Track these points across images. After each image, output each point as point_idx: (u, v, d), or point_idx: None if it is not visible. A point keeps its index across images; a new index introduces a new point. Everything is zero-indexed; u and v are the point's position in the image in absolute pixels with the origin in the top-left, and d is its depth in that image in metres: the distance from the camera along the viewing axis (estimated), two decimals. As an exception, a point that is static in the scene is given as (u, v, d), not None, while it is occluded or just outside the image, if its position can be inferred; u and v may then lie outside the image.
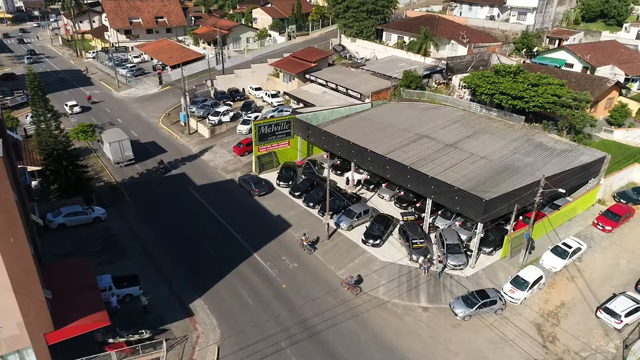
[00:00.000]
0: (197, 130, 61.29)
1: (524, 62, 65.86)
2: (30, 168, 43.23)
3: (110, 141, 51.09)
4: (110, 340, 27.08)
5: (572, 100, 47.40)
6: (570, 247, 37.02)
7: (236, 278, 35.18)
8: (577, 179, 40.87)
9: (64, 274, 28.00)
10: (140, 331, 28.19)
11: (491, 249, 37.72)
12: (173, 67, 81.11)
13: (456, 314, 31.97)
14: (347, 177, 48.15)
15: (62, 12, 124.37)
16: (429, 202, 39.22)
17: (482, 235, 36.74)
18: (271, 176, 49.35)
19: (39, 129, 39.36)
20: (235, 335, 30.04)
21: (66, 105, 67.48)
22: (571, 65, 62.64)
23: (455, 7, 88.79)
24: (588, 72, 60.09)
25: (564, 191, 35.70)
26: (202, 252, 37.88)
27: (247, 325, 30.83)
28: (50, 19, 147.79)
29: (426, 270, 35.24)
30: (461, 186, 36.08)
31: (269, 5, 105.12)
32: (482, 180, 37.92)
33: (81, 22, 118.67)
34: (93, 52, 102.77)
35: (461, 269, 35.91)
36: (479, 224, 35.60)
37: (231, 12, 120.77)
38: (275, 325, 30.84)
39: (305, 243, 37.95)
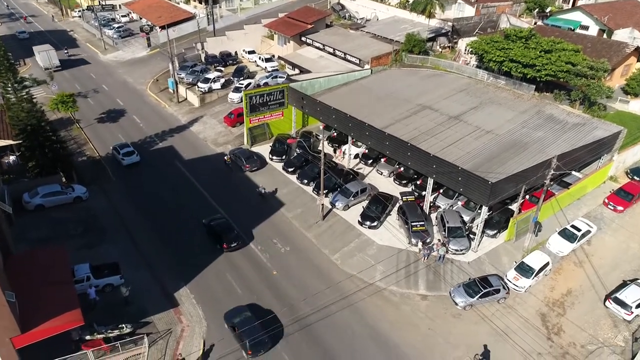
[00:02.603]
0: (186, 99, 57.95)
1: (535, 23, 61.53)
2: (7, 142, 40.53)
3: (39, 51, 65.02)
4: (88, 338, 25.40)
5: (588, 69, 43.81)
6: (579, 229, 34.84)
7: (225, 263, 33.26)
8: (590, 155, 38.18)
9: (35, 267, 26.09)
10: (120, 326, 26.48)
11: (495, 231, 35.60)
12: (162, 27, 76.41)
13: (457, 304, 30.23)
14: (336, 146, 45.85)
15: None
16: (430, 181, 36.76)
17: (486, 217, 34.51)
18: (264, 149, 46.68)
19: (8, 103, 36.30)
20: (222, 328, 28.34)
21: (17, 33, 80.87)
22: (586, 28, 58.38)
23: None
24: (604, 36, 56.01)
25: (579, 175, 33.09)
26: (189, 234, 35.80)
27: (235, 317, 29.13)
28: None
29: (426, 257, 33.25)
30: (465, 165, 33.46)
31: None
32: (488, 157, 35.26)
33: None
34: (78, 11, 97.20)
35: (463, 253, 33.93)
36: (484, 206, 33.28)
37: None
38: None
39: (227, 162, 43.54)
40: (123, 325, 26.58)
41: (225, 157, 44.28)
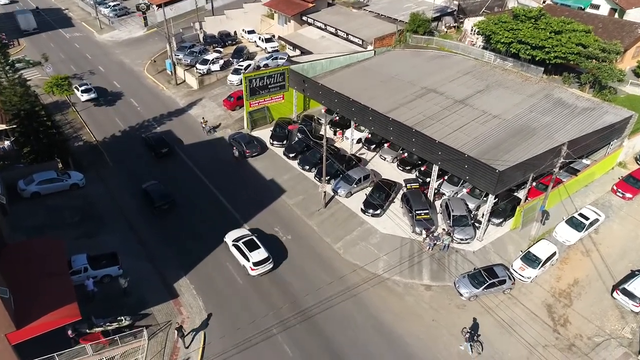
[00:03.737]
0: (184, 81, 56.52)
1: (544, 2, 59.55)
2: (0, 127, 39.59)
3: (18, 14, 71.25)
4: (86, 331, 24.89)
5: (600, 52, 42.26)
6: (587, 218, 34.07)
7: (225, 253, 32.58)
8: (600, 142, 37.13)
9: (30, 258, 25.42)
10: (119, 318, 25.97)
11: (501, 219, 34.83)
12: (159, 6, 74.19)
13: (461, 294, 29.69)
14: (337, 130, 44.96)
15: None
16: (435, 167, 35.83)
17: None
18: (264, 134, 45.60)
19: (0, 87, 35.06)
20: (223, 321, 27.92)
21: None
22: (597, 7, 56.47)
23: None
24: (616, 15, 54.16)
25: (587, 161, 32.13)
26: (188, 222, 35.10)
27: (236, 308, 28.67)
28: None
29: (430, 248, 32.56)
30: (471, 151, 32.52)
31: None
32: (495, 144, 34.28)
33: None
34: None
35: (468, 242, 33.26)
36: (490, 195, 32.44)
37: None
38: (266, 308, 28.65)
39: (204, 126, 44.56)
40: (122, 317, 26.08)
41: (201, 121, 45.19)
